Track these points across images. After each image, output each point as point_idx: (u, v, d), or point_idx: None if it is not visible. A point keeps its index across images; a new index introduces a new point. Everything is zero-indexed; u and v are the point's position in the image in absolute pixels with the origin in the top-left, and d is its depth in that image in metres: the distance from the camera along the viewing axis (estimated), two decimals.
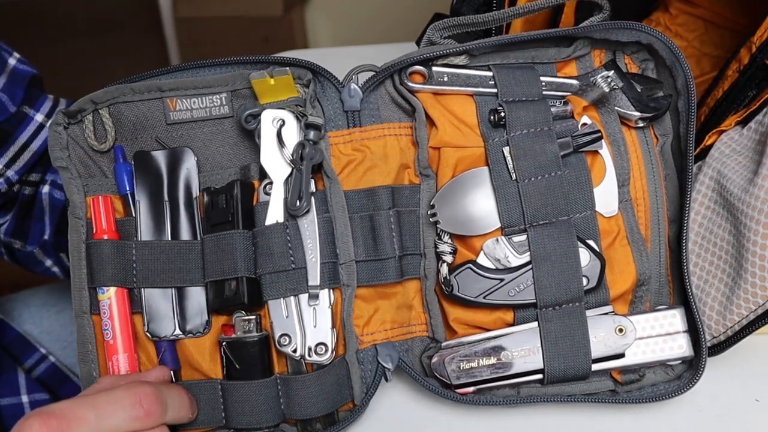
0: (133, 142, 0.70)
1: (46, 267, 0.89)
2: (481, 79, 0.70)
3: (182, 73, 0.70)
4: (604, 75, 0.71)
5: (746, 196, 0.65)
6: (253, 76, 0.68)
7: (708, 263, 0.70)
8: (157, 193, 0.69)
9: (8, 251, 0.88)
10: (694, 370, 0.67)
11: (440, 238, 0.69)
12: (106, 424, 0.55)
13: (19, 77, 0.79)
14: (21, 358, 0.98)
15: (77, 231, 0.68)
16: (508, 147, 0.68)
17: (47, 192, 0.83)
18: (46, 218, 0.84)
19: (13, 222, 0.83)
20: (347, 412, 0.69)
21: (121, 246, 0.67)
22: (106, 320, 0.66)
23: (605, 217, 0.69)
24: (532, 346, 0.67)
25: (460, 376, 0.67)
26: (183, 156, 0.70)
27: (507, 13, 0.70)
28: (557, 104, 0.69)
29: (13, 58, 0.80)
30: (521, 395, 0.69)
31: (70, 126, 0.69)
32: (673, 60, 0.67)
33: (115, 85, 0.69)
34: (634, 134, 0.71)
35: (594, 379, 0.69)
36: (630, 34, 0.68)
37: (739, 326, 0.67)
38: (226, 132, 0.71)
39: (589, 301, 0.67)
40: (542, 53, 0.72)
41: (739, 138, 0.70)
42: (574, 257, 0.66)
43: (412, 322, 0.72)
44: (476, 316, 0.69)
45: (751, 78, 0.68)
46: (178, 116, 0.70)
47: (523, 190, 0.67)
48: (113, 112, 0.69)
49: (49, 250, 0.87)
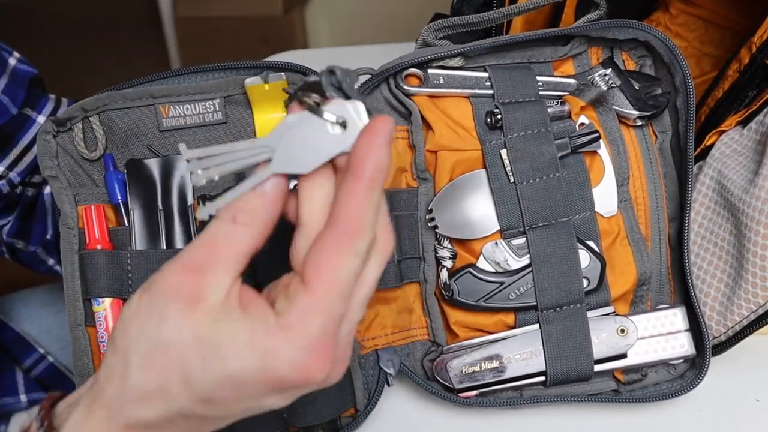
0: (124, 150, 0.69)
1: (49, 266, 0.89)
2: (477, 81, 0.69)
3: (175, 79, 0.69)
4: (602, 73, 0.70)
5: (747, 197, 0.65)
6: (248, 81, 0.67)
7: (708, 263, 0.70)
8: (151, 201, 0.68)
9: (10, 251, 0.87)
10: (697, 369, 0.68)
11: (440, 242, 0.69)
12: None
13: (20, 77, 0.78)
14: (20, 357, 0.98)
15: (69, 241, 0.67)
16: (505, 149, 0.67)
17: (50, 192, 0.82)
18: (48, 218, 0.84)
19: (16, 223, 0.83)
20: (350, 418, 0.69)
21: (116, 256, 0.67)
22: (103, 332, 0.66)
23: (605, 218, 0.69)
24: (534, 348, 0.67)
25: (463, 380, 0.67)
26: (176, 163, 0.69)
27: (502, 13, 0.69)
28: (554, 104, 0.69)
29: (14, 58, 0.79)
30: (524, 397, 0.69)
31: (60, 134, 0.68)
32: (671, 57, 0.67)
33: (106, 91, 0.68)
34: (633, 133, 0.71)
35: (596, 379, 0.69)
36: (627, 32, 0.68)
37: (739, 326, 0.67)
38: (219, 138, 0.70)
39: (590, 302, 0.67)
40: (539, 52, 0.71)
41: (739, 138, 0.69)
42: (574, 259, 0.66)
43: (413, 325, 0.72)
44: (477, 319, 0.69)
45: (752, 78, 0.68)
46: (170, 123, 0.69)
47: (521, 192, 0.67)
48: (104, 120, 0.68)
49: (51, 249, 0.86)
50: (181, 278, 0.43)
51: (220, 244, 0.44)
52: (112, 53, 3.51)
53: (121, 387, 0.44)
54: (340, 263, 0.42)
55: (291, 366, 0.42)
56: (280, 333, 0.42)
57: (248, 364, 0.42)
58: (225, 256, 0.44)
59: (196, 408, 0.43)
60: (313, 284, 0.42)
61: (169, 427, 0.45)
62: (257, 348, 0.42)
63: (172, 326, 0.42)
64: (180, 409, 0.43)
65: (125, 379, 0.43)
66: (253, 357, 0.42)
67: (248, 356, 0.42)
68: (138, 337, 0.43)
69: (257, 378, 0.42)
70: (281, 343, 0.42)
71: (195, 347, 0.42)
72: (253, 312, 0.43)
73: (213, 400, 0.43)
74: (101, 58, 3.45)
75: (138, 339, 0.43)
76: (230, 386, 0.42)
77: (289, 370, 0.42)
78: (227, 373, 0.42)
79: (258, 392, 0.43)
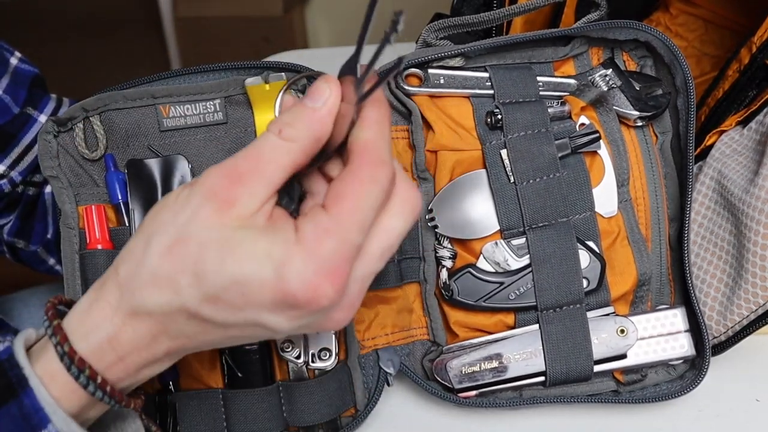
0: (124, 150, 0.69)
1: (50, 266, 0.89)
2: (478, 81, 0.69)
3: (175, 79, 0.69)
4: (603, 74, 0.70)
5: (747, 197, 0.65)
6: (248, 82, 0.67)
7: (708, 263, 0.70)
8: (152, 201, 0.68)
9: (11, 250, 0.87)
10: (697, 369, 0.68)
11: (440, 242, 0.69)
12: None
13: (22, 77, 0.79)
14: None
15: (70, 241, 0.67)
16: (505, 149, 0.67)
17: (51, 192, 0.82)
18: (49, 218, 0.84)
19: (16, 222, 0.83)
20: (350, 417, 0.69)
21: (116, 256, 0.67)
22: None
23: (605, 218, 0.69)
24: (534, 348, 0.67)
25: (462, 380, 0.67)
26: (176, 164, 0.69)
27: (502, 13, 0.69)
28: (555, 105, 0.69)
29: (15, 58, 0.79)
30: (524, 397, 0.69)
31: (61, 134, 0.68)
32: (672, 58, 0.67)
33: (106, 91, 0.68)
34: (633, 133, 0.71)
35: (596, 379, 0.69)
36: (627, 32, 0.68)
37: (739, 326, 0.67)
38: (220, 138, 0.70)
39: (590, 303, 0.67)
40: (539, 53, 0.71)
41: (739, 138, 0.69)
42: (574, 259, 0.66)
43: (413, 325, 0.72)
44: (477, 319, 0.69)
45: (752, 78, 0.68)
46: (171, 123, 0.69)
47: (521, 192, 0.67)
48: (105, 120, 0.68)
49: (52, 249, 0.86)
50: (221, 183, 0.45)
51: (263, 157, 0.45)
52: (112, 53, 3.51)
53: (136, 267, 0.46)
54: (360, 190, 0.44)
55: (301, 280, 0.43)
56: (295, 247, 0.43)
57: (261, 270, 0.43)
58: (265, 168, 0.45)
59: (201, 307, 0.45)
60: (333, 209, 0.44)
61: (169, 322, 0.46)
62: (273, 257, 0.43)
63: (201, 223, 0.44)
64: (184, 304, 0.45)
65: (143, 259, 0.45)
66: (268, 265, 0.43)
67: (263, 263, 0.43)
68: (166, 224, 0.45)
69: (267, 286, 0.43)
70: (295, 256, 0.43)
71: (216, 246, 0.43)
72: (278, 226, 0.45)
73: (219, 300, 0.44)
74: (101, 58, 3.45)
75: (166, 225, 0.45)
76: (239, 289, 0.44)
77: (299, 285, 0.43)
78: (240, 274, 0.43)
79: (264, 303, 0.44)
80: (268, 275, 0.43)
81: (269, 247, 0.43)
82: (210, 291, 0.44)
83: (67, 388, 0.46)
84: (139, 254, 0.46)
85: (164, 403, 0.67)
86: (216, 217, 0.44)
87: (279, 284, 0.43)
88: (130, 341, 0.47)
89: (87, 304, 0.48)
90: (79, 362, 0.46)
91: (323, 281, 0.43)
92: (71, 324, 0.47)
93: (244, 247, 0.43)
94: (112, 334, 0.46)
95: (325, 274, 0.43)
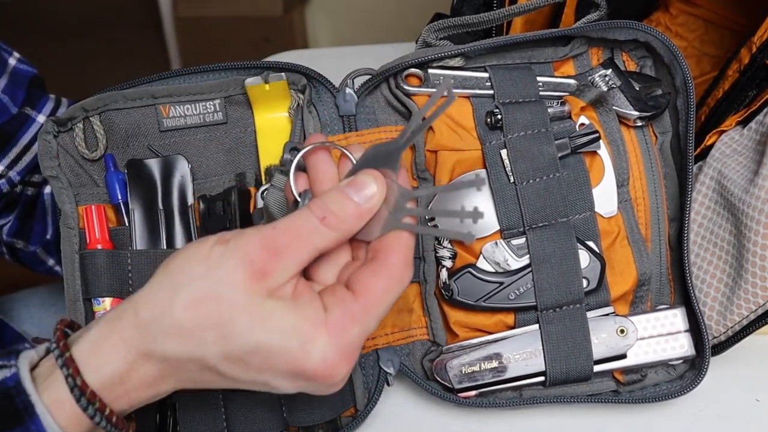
0: (124, 150, 0.69)
1: (49, 266, 0.89)
2: (478, 81, 0.69)
3: (175, 79, 0.69)
4: (602, 74, 0.70)
5: (747, 197, 0.65)
6: (248, 82, 0.67)
7: (708, 263, 0.70)
8: (152, 201, 0.69)
9: (10, 251, 0.87)
10: (697, 369, 0.68)
11: (440, 242, 0.69)
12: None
13: (20, 77, 0.79)
14: None
15: (70, 241, 0.67)
16: (505, 149, 0.67)
17: (50, 192, 0.82)
18: (48, 218, 0.84)
19: (15, 222, 0.83)
20: (350, 417, 0.69)
21: (116, 256, 0.67)
22: None
23: (605, 218, 0.69)
24: (534, 348, 0.67)
25: (462, 380, 0.67)
26: (176, 164, 0.69)
27: (502, 13, 0.69)
28: (555, 105, 0.69)
29: (13, 58, 0.79)
30: (524, 397, 0.69)
31: (60, 134, 0.68)
32: (671, 58, 0.67)
33: (106, 92, 0.68)
34: (633, 133, 0.71)
35: (596, 379, 0.69)
36: (627, 32, 0.68)
37: (739, 326, 0.67)
38: (220, 138, 0.70)
39: (589, 303, 0.67)
40: (539, 53, 0.71)
41: (739, 138, 0.69)
42: (574, 259, 0.66)
43: (413, 325, 0.72)
44: (477, 319, 0.69)
45: (752, 78, 0.68)
46: (171, 123, 0.69)
47: (521, 192, 0.67)
48: (104, 120, 0.68)
49: (51, 249, 0.86)
50: (259, 254, 0.46)
51: (301, 236, 0.48)
52: (112, 53, 3.51)
53: (160, 315, 0.46)
54: (390, 288, 0.49)
55: (322, 358, 0.46)
56: (323, 327, 0.46)
57: (288, 342, 0.46)
58: (301, 248, 0.48)
59: (220, 363, 0.46)
60: (362, 298, 0.48)
61: (182, 369, 0.48)
62: (301, 333, 0.46)
63: (234, 287, 0.46)
64: (204, 357, 0.46)
65: (169, 309, 0.46)
66: (295, 339, 0.46)
67: (291, 337, 0.46)
68: (196, 278, 0.46)
69: (290, 357, 0.46)
70: (322, 336, 0.46)
71: (246, 311, 0.45)
72: (305, 301, 0.47)
73: (240, 361, 0.46)
74: (101, 58, 3.45)
75: (196, 280, 0.46)
76: (263, 355, 0.46)
77: (320, 362, 0.46)
78: (266, 342, 0.45)
79: (281, 370, 0.47)
80: (293, 348, 0.46)
81: (298, 323, 0.46)
82: (234, 352, 0.46)
83: (73, 417, 0.47)
84: (164, 301, 0.47)
85: (164, 403, 0.67)
86: (249, 284, 0.46)
87: (301, 358, 0.46)
88: (139, 378, 0.48)
89: (99, 336, 0.48)
90: (90, 395, 0.47)
91: (341, 361, 0.47)
92: (81, 354, 0.48)
93: (274, 317, 0.46)
94: (123, 370, 0.48)
95: (344, 356, 0.47)
